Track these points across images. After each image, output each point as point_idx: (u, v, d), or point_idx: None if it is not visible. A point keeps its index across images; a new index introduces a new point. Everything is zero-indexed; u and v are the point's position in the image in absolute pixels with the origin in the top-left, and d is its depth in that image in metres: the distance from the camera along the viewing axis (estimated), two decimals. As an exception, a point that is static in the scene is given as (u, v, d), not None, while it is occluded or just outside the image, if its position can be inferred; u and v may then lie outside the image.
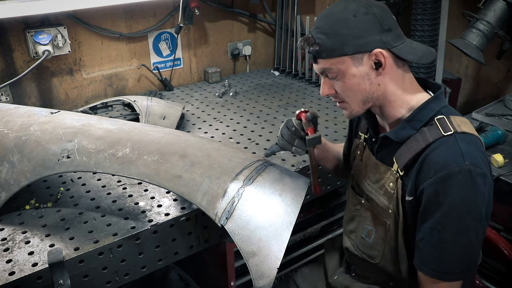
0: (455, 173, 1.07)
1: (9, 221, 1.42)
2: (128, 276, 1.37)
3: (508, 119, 2.21)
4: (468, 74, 2.72)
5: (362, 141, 1.40)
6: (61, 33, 2.15)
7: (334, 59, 1.17)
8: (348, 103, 1.24)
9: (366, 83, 1.18)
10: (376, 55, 1.15)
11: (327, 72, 1.21)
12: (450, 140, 1.12)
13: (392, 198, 1.23)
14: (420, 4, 2.16)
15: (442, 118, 1.16)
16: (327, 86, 1.24)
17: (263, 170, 1.37)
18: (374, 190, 1.31)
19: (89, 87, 2.42)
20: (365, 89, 1.19)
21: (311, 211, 1.99)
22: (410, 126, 1.19)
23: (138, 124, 1.60)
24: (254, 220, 1.25)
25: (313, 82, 2.68)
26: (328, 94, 1.25)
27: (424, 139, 1.15)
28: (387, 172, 1.25)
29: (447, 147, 1.11)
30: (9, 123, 1.51)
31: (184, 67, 2.72)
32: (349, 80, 1.18)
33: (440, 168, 1.09)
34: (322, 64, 1.20)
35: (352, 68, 1.17)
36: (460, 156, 1.08)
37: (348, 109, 1.25)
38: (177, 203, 1.50)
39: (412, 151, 1.16)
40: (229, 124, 2.14)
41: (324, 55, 1.17)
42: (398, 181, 1.21)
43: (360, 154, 1.40)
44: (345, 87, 1.20)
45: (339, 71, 1.18)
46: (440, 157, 1.10)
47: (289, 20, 2.78)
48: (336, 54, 1.16)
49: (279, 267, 1.19)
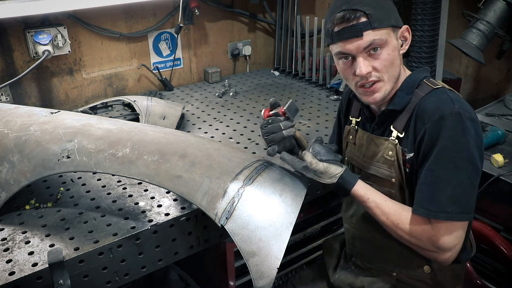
0: (447, 115, 1.15)
1: (9, 221, 1.42)
2: (128, 276, 1.37)
3: (508, 119, 2.21)
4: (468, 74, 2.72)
5: (354, 125, 1.46)
6: (61, 33, 2.15)
7: (383, 29, 1.20)
8: (384, 81, 1.25)
9: (399, 58, 1.26)
10: (404, 30, 1.25)
11: (374, 45, 1.20)
12: (439, 91, 1.23)
13: (393, 166, 1.29)
14: (420, 4, 2.16)
15: (430, 79, 1.29)
16: (367, 63, 1.22)
17: (263, 170, 1.37)
18: (372, 165, 1.36)
19: (89, 87, 2.42)
20: (398, 65, 1.26)
21: (311, 211, 1.99)
22: (404, 93, 1.28)
23: (138, 124, 1.60)
24: (254, 220, 1.24)
25: (313, 82, 2.68)
26: (368, 73, 1.23)
27: (417, 97, 1.25)
28: (384, 143, 1.31)
29: (437, 96, 1.22)
30: (9, 123, 1.51)
31: (184, 67, 2.72)
32: (392, 52, 1.23)
33: (432, 112, 1.18)
34: (371, 35, 1.19)
35: (394, 40, 1.23)
36: (450, 101, 1.18)
37: (382, 88, 1.25)
38: (177, 203, 1.50)
39: (409, 110, 1.25)
40: (229, 124, 2.14)
41: (376, 25, 1.18)
42: (396, 147, 1.28)
43: (353, 138, 1.46)
44: (388, 60, 1.22)
45: (386, 42, 1.21)
46: (432, 103, 1.20)
47: (289, 20, 2.78)
48: (385, 24, 1.20)
49: (279, 267, 1.19)
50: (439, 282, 1.35)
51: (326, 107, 2.34)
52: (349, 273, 1.50)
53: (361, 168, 1.41)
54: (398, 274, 1.39)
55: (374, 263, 1.43)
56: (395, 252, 1.35)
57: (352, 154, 1.46)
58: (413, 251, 1.29)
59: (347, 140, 1.48)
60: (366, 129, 1.41)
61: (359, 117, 1.45)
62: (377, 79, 1.24)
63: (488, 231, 1.80)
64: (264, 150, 1.85)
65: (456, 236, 1.18)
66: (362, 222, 1.42)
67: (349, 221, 1.49)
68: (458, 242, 1.19)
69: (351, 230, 1.49)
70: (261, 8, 2.86)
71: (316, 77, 2.67)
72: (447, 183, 1.15)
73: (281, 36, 2.85)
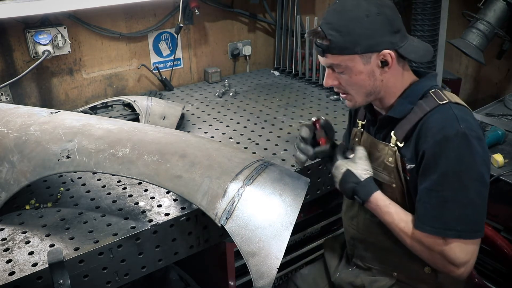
0: (452, 136, 1.13)
1: (9, 221, 1.42)
2: (128, 276, 1.37)
3: (508, 119, 2.21)
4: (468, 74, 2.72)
5: (360, 127, 1.46)
6: (61, 33, 2.15)
7: (343, 56, 1.21)
8: (352, 95, 1.29)
9: (371, 79, 1.24)
10: (385, 55, 1.20)
11: (334, 67, 1.25)
12: (445, 108, 1.19)
13: (393, 172, 1.29)
14: (420, 4, 2.16)
15: (436, 91, 1.24)
16: (332, 77, 1.28)
17: (263, 170, 1.37)
18: (374, 169, 1.35)
19: (89, 87, 2.42)
20: (369, 85, 1.25)
21: (311, 211, 1.99)
22: (407, 101, 1.27)
23: (138, 124, 1.60)
24: (254, 220, 1.25)
25: (313, 82, 2.68)
26: (332, 85, 1.29)
27: (421, 110, 1.22)
28: (385, 149, 1.31)
29: (442, 113, 1.18)
30: (9, 123, 1.51)
31: (184, 67, 2.72)
32: (356, 76, 1.23)
33: (436, 131, 1.16)
34: (330, 59, 1.23)
35: (360, 65, 1.21)
36: (455, 120, 1.15)
37: (352, 100, 1.30)
38: (177, 203, 1.50)
39: (412, 121, 1.23)
40: (229, 124, 2.14)
41: (335, 52, 1.21)
42: (396, 154, 1.27)
43: (358, 140, 1.46)
44: (350, 81, 1.25)
45: (347, 68, 1.22)
46: (437, 122, 1.17)
47: (289, 20, 2.78)
48: (346, 52, 1.20)
49: (279, 267, 1.19)
50: (440, 283, 1.35)
51: (326, 107, 2.34)
52: (350, 272, 1.50)
53: None
54: (399, 274, 1.39)
55: (375, 264, 1.43)
56: (396, 254, 1.35)
57: None
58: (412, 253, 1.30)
59: (353, 143, 1.48)
60: (370, 132, 1.41)
61: (364, 119, 1.45)
62: (343, 92, 1.30)
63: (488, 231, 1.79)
64: (265, 150, 1.85)
65: (467, 252, 1.16)
66: (364, 224, 1.42)
67: (349, 223, 1.49)
68: (471, 257, 1.17)
69: (351, 231, 1.49)
70: (261, 8, 2.86)
71: (316, 77, 2.67)
72: (454, 204, 1.15)
73: (281, 36, 2.85)
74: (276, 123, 2.14)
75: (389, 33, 1.19)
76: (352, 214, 1.47)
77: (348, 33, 1.18)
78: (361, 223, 1.44)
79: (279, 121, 2.16)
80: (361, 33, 1.17)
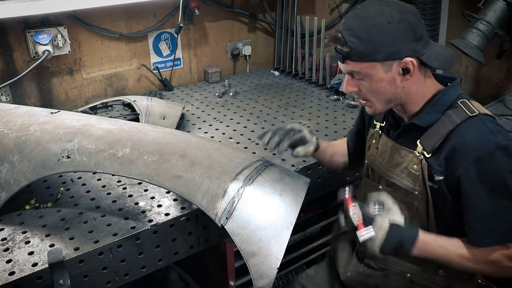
0: (493, 150, 1.14)
1: (9, 221, 1.42)
2: (128, 276, 1.37)
3: (508, 119, 2.21)
4: (468, 74, 2.72)
5: (378, 129, 1.43)
6: (61, 33, 2.15)
7: (364, 63, 1.19)
8: (372, 102, 1.27)
9: (392, 87, 1.22)
10: (406, 63, 1.18)
11: (354, 74, 1.23)
12: (477, 121, 1.19)
13: (418, 180, 1.27)
14: (420, 4, 2.16)
15: (465, 101, 1.23)
16: (352, 84, 1.25)
17: (263, 170, 1.37)
18: (395, 174, 1.34)
19: (89, 87, 2.42)
20: (390, 92, 1.23)
21: (311, 211, 1.99)
22: (434, 110, 1.25)
23: (138, 124, 1.60)
24: (254, 220, 1.25)
25: (313, 82, 2.68)
26: (352, 92, 1.27)
27: (451, 121, 1.20)
28: (409, 156, 1.29)
29: (476, 128, 1.18)
30: (9, 123, 1.51)
31: (184, 67, 2.72)
32: (376, 83, 1.21)
33: (477, 148, 1.15)
34: (351, 66, 1.21)
35: (381, 73, 1.19)
36: (492, 135, 1.16)
37: (372, 107, 1.29)
38: (177, 203, 1.50)
39: (441, 133, 1.21)
40: (229, 124, 2.14)
41: (355, 59, 1.19)
42: (422, 162, 1.25)
43: (376, 142, 1.43)
44: (371, 89, 1.23)
45: (367, 75, 1.20)
46: (474, 138, 1.16)
47: (289, 20, 2.78)
48: (367, 59, 1.18)
49: (279, 267, 1.19)
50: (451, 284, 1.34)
51: (326, 107, 2.34)
52: (361, 272, 1.49)
53: (382, 174, 1.39)
54: (412, 276, 1.37)
55: (388, 265, 1.42)
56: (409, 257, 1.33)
57: (373, 158, 1.44)
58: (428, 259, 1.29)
59: (370, 144, 1.46)
60: (389, 136, 1.39)
61: (383, 122, 1.42)
62: (363, 99, 1.27)
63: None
64: (265, 150, 1.85)
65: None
66: None
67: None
68: None
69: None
70: (261, 8, 2.86)
71: (316, 77, 2.67)
72: (506, 210, 1.16)
73: (281, 36, 2.85)
74: (276, 123, 2.14)
75: (411, 40, 1.16)
76: None
77: (369, 41, 1.15)
78: None
79: (279, 121, 2.16)
80: (382, 40, 1.15)
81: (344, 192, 1.27)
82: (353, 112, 2.25)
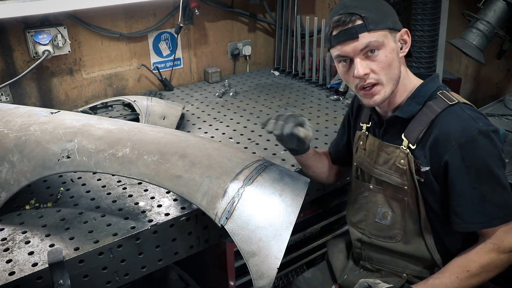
0: (475, 136, 1.17)
1: (9, 221, 1.42)
2: (128, 276, 1.37)
3: (508, 119, 2.21)
4: (468, 74, 2.72)
5: (364, 130, 1.45)
6: (61, 33, 2.15)
7: (379, 32, 1.20)
8: (383, 84, 1.24)
9: (398, 61, 1.25)
10: (404, 33, 1.25)
11: (370, 47, 1.20)
12: (457, 109, 1.22)
13: (405, 174, 1.29)
14: (420, 4, 2.16)
15: (444, 92, 1.26)
16: (364, 65, 1.22)
17: (263, 170, 1.37)
18: (383, 172, 1.35)
19: (89, 87, 2.42)
20: (397, 67, 1.25)
21: (311, 211, 1.99)
22: (415, 102, 1.28)
23: (138, 124, 1.60)
24: (254, 220, 1.24)
25: (313, 82, 2.68)
26: (365, 74, 1.22)
27: (432, 111, 1.23)
28: (395, 151, 1.31)
29: (457, 115, 1.21)
30: (9, 123, 1.51)
31: (184, 67, 2.72)
32: (390, 54, 1.22)
33: (459, 135, 1.18)
34: (367, 38, 1.20)
35: (391, 42, 1.23)
36: (472, 121, 1.19)
37: (381, 91, 1.25)
38: (177, 203, 1.50)
39: (423, 123, 1.24)
40: (229, 124, 2.14)
41: (371, 27, 1.19)
42: (408, 156, 1.27)
43: (363, 143, 1.44)
44: (385, 61, 1.22)
45: (383, 44, 1.21)
46: (455, 125, 1.20)
47: (289, 20, 2.78)
48: (381, 26, 1.20)
49: (279, 267, 1.19)
50: None
51: (326, 107, 2.34)
52: (358, 275, 1.49)
53: (371, 174, 1.40)
54: (408, 275, 1.38)
55: (384, 266, 1.43)
56: (405, 255, 1.35)
57: (362, 159, 1.44)
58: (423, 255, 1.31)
59: (357, 146, 1.47)
60: (376, 135, 1.40)
61: (369, 122, 1.43)
62: (375, 81, 1.23)
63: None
64: (265, 150, 1.85)
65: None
66: (372, 229, 1.41)
67: (356, 226, 1.48)
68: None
69: (358, 234, 1.46)
70: (261, 8, 2.86)
71: (316, 77, 2.67)
72: (492, 194, 1.19)
73: (281, 36, 2.85)
74: (276, 123, 2.13)
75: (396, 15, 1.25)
76: (359, 218, 1.46)
77: (377, 10, 1.21)
78: (368, 227, 1.43)
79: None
80: (387, 10, 1.23)
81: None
82: (353, 112, 2.25)
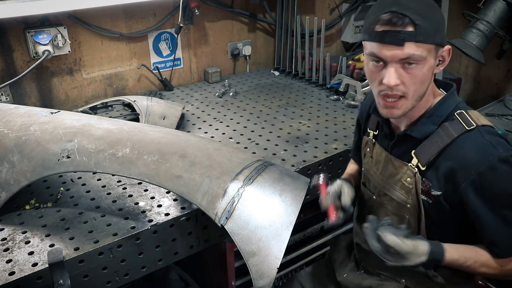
0: (495, 164, 1.10)
1: (9, 221, 1.42)
2: (128, 276, 1.37)
3: (508, 119, 2.21)
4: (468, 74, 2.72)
5: (371, 138, 1.40)
6: (61, 33, 2.15)
7: (426, 45, 1.07)
8: (408, 99, 1.15)
9: (430, 78, 1.16)
10: (446, 51, 1.14)
11: (411, 59, 1.08)
12: (475, 134, 1.14)
13: (410, 193, 1.24)
14: (420, 4, 2.16)
15: (462, 112, 1.18)
16: (396, 76, 1.10)
17: (263, 170, 1.37)
18: (388, 185, 1.32)
19: (89, 87, 2.42)
20: (428, 84, 1.15)
21: (311, 211, 1.99)
22: (430, 121, 1.20)
23: (138, 124, 1.60)
24: (254, 220, 1.25)
25: (313, 82, 2.68)
26: (397, 85, 1.12)
27: (448, 135, 1.16)
28: (403, 168, 1.25)
29: (475, 141, 1.13)
30: (9, 123, 1.51)
31: (184, 67, 2.72)
32: (426, 71, 1.11)
33: (478, 163, 1.11)
34: (412, 49, 1.07)
35: (432, 59, 1.11)
36: (491, 147, 1.11)
37: (403, 106, 1.16)
38: (177, 203, 1.50)
39: (437, 146, 1.17)
40: (229, 124, 2.14)
41: (421, 39, 1.06)
42: (416, 176, 1.21)
43: (370, 151, 1.41)
44: (419, 78, 1.11)
45: (425, 60, 1.09)
46: (474, 153, 1.12)
47: (289, 20, 2.78)
48: (430, 40, 1.07)
49: (279, 267, 1.19)
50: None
51: (326, 107, 2.34)
52: (357, 275, 1.49)
53: (376, 185, 1.38)
54: (407, 281, 1.37)
55: (384, 271, 1.41)
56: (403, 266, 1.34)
57: (369, 167, 1.42)
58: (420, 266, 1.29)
59: (365, 152, 1.43)
60: (383, 146, 1.35)
61: (376, 130, 1.38)
62: (402, 94, 1.14)
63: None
64: (265, 150, 1.85)
65: None
66: None
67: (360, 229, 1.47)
68: None
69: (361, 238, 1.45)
70: (261, 8, 2.86)
71: (316, 77, 2.67)
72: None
73: (281, 36, 2.85)
74: (276, 123, 2.14)
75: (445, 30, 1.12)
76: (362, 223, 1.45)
77: (431, 19, 1.06)
78: None
79: (279, 121, 2.16)
80: (440, 21, 1.08)
81: (318, 179, 1.36)
82: (353, 112, 2.25)
